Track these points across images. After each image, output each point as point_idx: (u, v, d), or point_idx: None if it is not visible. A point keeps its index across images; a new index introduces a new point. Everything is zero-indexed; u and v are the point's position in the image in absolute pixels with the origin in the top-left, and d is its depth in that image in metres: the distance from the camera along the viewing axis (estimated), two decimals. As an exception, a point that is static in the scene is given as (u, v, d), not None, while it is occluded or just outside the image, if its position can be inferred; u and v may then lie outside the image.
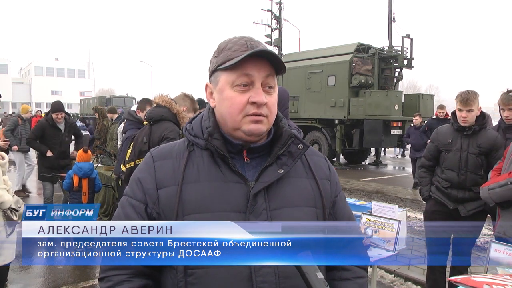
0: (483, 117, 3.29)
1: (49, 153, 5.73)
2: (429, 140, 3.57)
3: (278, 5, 20.43)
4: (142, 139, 3.30)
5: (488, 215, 3.45)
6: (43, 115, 8.35)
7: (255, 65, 1.05)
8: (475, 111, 3.21)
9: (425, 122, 9.71)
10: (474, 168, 3.23)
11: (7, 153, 6.23)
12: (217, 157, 1.09)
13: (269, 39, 20.24)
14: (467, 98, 3.19)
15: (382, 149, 16.74)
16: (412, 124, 9.78)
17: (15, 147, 7.91)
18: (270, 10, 20.46)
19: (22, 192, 8.32)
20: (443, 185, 3.34)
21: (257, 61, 1.05)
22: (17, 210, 2.94)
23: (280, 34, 20.21)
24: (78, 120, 14.27)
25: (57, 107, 5.96)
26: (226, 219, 1.01)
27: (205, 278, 1.01)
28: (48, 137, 5.82)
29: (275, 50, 19.71)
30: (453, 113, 3.39)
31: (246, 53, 1.03)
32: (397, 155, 18.17)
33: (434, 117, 9.64)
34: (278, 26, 20.38)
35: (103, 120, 9.01)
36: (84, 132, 9.67)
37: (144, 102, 4.37)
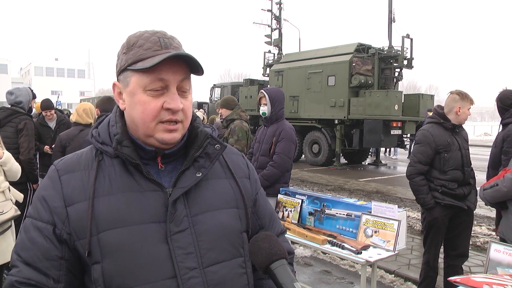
0: None
1: (46, 148, 5.66)
2: (419, 144, 3.38)
3: (278, 5, 20.38)
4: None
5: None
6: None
7: (171, 68, 0.96)
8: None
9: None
10: (470, 163, 3.41)
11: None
12: (129, 165, 0.99)
13: (269, 39, 20.21)
14: (470, 97, 3.37)
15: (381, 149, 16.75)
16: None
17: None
18: (270, 10, 20.41)
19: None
20: (451, 187, 3.27)
21: (173, 63, 0.96)
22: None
23: (280, 34, 20.16)
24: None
25: (46, 104, 5.95)
26: (145, 231, 0.95)
27: None
28: (39, 136, 5.80)
29: (275, 50, 19.70)
30: (441, 114, 3.38)
31: (161, 57, 0.93)
32: (392, 156, 18.11)
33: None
34: (278, 26, 20.33)
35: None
36: None
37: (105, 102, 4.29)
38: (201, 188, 1.05)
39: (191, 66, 1.00)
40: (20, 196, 3.39)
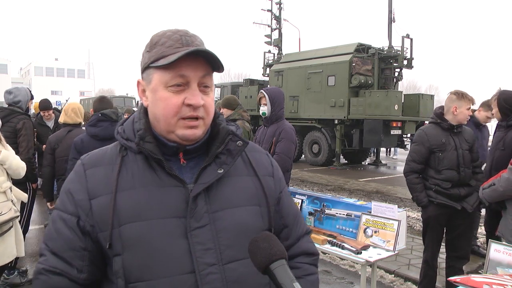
0: None
1: (44, 148, 5.68)
2: (414, 144, 3.43)
3: (278, 5, 20.38)
4: None
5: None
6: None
7: (191, 65, 0.98)
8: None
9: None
10: (468, 163, 3.35)
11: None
12: (152, 161, 1.01)
13: (269, 39, 20.21)
14: (473, 98, 3.36)
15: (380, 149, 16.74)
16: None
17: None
18: (270, 10, 20.41)
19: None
20: (444, 186, 3.29)
21: (193, 60, 0.97)
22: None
23: (280, 34, 20.16)
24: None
25: (44, 105, 5.94)
26: (165, 226, 0.97)
27: None
28: (37, 136, 5.80)
29: (275, 50, 19.70)
30: (439, 114, 3.40)
31: (180, 53, 0.95)
32: (392, 156, 18.12)
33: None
34: (278, 26, 20.33)
35: None
36: None
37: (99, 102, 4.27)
38: (222, 184, 1.05)
39: (212, 63, 1.01)
40: (24, 196, 3.38)
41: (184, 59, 0.96)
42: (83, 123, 4.47)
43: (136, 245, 0.95)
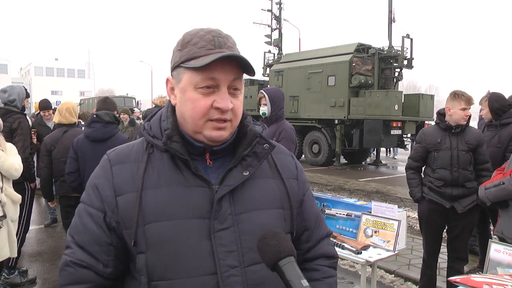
0: (469, 116, 3.39)
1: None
2: (415, 142, 3.59)
3: (278, 5, 20.39)
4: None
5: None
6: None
7: (222, 68, 0.97)
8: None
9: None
10: (465, 164, 3.32)
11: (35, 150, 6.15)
12: (178, 160, 1.01)
13: (269, 39, 20.21)
14: (470, 98, 3.32)
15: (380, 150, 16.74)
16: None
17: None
18: (270, 10, 20.42)
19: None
20: (436, 185, 3.37)
21: (224, 63, 0.96)
22: None
23: (280, 34, 20.17)
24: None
25: (44, 104, 5.92)
26: (189, 226, 0.97)
27: None
28: (38, 136, 5.79)
29: (275, 50, 19.69)
30: (439, 113, 3.48)
31: (212, 57, 0.94)
32: (393, 156, 18.11)
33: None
34: (278, 26, 20.34)
35: None
36: None
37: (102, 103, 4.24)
38: (247, 186, 1.04)
39: (243, 66, 1.00)
40: (16, 197, 3.33)
41: (216, 62, 0.95)
42: (78, 122, 4.43)
43: (159, 244, 0.96)
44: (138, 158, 1.04)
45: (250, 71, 1.01)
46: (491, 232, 4.33)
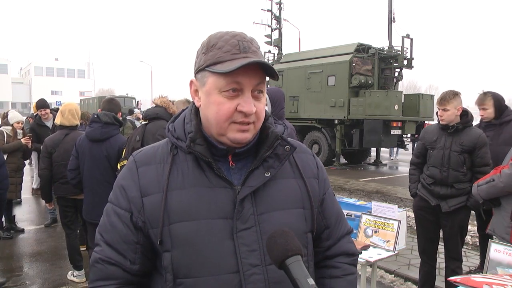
0: (466, 116, 3.37)
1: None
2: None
3: (278, 5, 20.42)
4: (135, 137, 3.32)
5: (473, 212, 3.58)
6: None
7: (247, 73, 0.98)
8: (451, 110, 3.30)
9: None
10: (456, 165, 3.31)
11: (30, 153, 6.13)
12: (201, 161, 1.04)
13: (269, 39, 20.23)
14: (441, 98, 3.34)
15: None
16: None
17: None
18: (270, 10, 20.46)
19: (38, 190, 8.17)
20: (427, 182, 3.45)
21: (249, 68, 0.98)
22: None
23: (280, 34, 20.20)
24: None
25: (41, 103, 5.91)
26: (213, 226, 1.00)
27: None
28: (38, 137, 5.78)
29: (275, 50, 19.70)
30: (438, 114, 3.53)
31: (237, 65, 0.96)
32: (395, 156, 18.08)
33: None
34: (278, 26, 20.37)
35: None
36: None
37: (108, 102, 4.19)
38: (269, 187, 1.06)
39: (267, 71, 1.02)
40: None
41: (241, 67, 0.97)
42: (79, 124, 4.40)
43: (184, 243, 0.99)
44: (163, 160, 1.07)
45: (274, 75, 1.02)
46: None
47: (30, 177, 9.26)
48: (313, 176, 1.17)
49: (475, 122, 5.02)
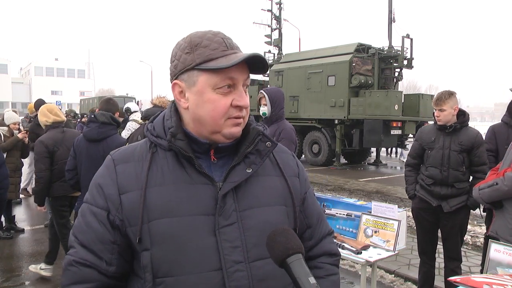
0: (463, 116, 3.38)
1: None
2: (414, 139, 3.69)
3: (278, 5, 20.41)
4: (136, 137, 3.32)
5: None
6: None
7: (239, 68, 1.00)
8: (447, 110, 3.30)
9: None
10: (456, 165, 3.32)
11: (28, 151, 6.12)
12: (181, 158, 1.03)
13: (269, 39, 20.23)
14: (437, 98, 3.34)
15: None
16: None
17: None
18: (270, 10, 20.45)
19: (26, 191, 8.16)
20: (426, 182, 3.43)
21: (240, 63, 0.99)
22: None
23: (280, 34, 20.19)
24: (79, 120, 13.62)
25: (39, 104, 5.91)
26: (194, 223, 0.98)
27: (175, 286, 0.96)
28: (36, 137, 5.78)
29: (275, 50, 19.69)
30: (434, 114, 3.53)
31: (240, 58, 0.97)
32: (399, 157, 18.08)
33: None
34: (278, 26, 20.37)
35: None
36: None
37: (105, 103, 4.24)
38: (251, 184, 1.06)
39: (259, 66, 1.04)
40: None
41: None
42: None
43: (164, 240, 0.97)
44: (142, 157, 1.05)
45: (266, 69, 1.06)
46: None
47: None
48: (294, 174, 1.17)
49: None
